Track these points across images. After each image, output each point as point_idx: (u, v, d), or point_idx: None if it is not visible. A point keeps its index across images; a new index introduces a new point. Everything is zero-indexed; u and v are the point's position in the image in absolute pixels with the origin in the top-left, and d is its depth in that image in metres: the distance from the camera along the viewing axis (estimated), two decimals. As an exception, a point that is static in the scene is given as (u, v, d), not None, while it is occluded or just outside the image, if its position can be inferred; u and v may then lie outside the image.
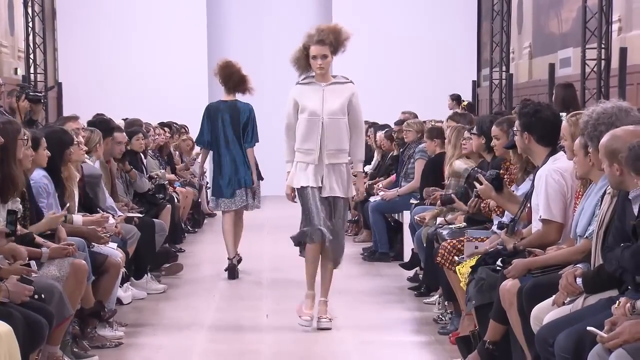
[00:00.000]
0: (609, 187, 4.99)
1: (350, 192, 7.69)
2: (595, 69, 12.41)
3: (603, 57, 12.29)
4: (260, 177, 10.30)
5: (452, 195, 7.73)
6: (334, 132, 7.46)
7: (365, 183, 10.36)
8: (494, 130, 6.98)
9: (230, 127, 10.08)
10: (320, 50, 7.41)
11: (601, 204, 5.10)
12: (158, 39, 17.88)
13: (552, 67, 14.15)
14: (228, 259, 9.92)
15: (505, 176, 6.81)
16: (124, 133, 9.62)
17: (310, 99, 7.51)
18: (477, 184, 6.48)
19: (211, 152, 10.28)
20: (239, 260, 10.03)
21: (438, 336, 7.13)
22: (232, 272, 9.83)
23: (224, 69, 10.21)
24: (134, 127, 11.37)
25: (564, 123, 5.80)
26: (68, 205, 5.48)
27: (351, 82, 7.67)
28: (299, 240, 7.55)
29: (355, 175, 7.84)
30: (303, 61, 7.54)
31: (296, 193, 7.58)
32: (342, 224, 7.77)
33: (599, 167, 4.95)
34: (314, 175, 7.45)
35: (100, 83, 17.35)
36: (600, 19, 12.34)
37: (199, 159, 11.55)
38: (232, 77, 10.16)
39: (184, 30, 17.94)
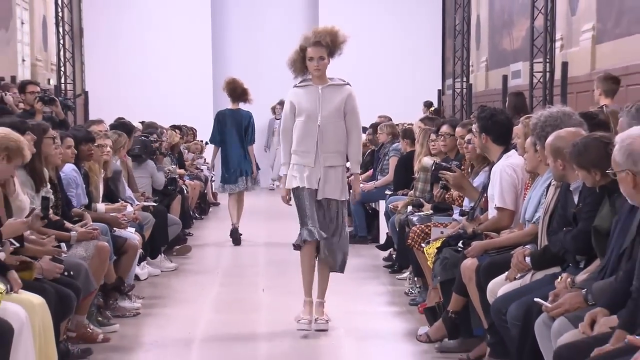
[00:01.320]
0: (553, 179, 5.02)
1: (345, 194, 6.59)
2: (541, 80, 12.46)
3: (548, 70, 12.34)
4: (257, 168, 11.16)
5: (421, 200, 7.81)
6: (331, 134, 6.43)
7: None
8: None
9: (234, 130, 10.82)
10: (317, 52, 6.37)
11: (546, 194, 5.13)
12: (170, 53, 17.87)
13: (505, 78, 14.19)
14: (232, 224, 10.80)
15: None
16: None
17: (307, 101, 6.46)
18: (448, 173, 6.49)
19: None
20: (239, 234, 10.74)
21: (409, 307, 7.14)
22: (235, 235, 10.71)
23: (230, 84, 10.90)
24: (149, 128, 11.40)
25: (519, 125, 5.82)
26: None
27: (348, 84, 6.58)
28: (298, 244, 6.48)
29: (349, 177, 6.88)
30: (299, 63, 6.47)
31: (291, 195, 6.54)
32: (341, 226, 6.56)
33: (545, 162, 4.97)
34: (310, 178, 6.39)
35: (120, 91, 17.31)
36: (545, 37, 12.39)
37: (204, 155, 12.74)
38: (236, 91, 10.84)
39: (191, 47, 17.93)
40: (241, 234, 10.80)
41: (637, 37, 10.25)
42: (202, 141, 15.88)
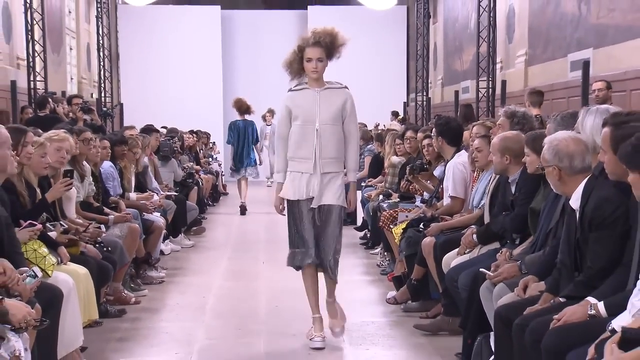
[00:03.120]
0: (493, 175, 5.02)
1: (344, 200, 5.01)
2: (485, 95, 12.49)
3: (490, 86, 12.39)
4: (260, 162, 12.69)
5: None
6: (329, 139, 4.91)
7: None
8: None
9: (244, 134, 11.99)
10: (315, 53, 4.90)
11: (489, 185, 5.13)
12: (188, 72, 17.82)
13: (456, 93, 14.20)
14: (241, 201, 12.09)
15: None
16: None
17: (304, 105, 4.94)
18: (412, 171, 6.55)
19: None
20: (245, 208, 12.04)
21: (380, 276, 7.14)
22: (243, 209, 12.03)
23: (237, 102, 12.03)
24: (172, 133, 11.39)
25: (470, 129, 5.83)
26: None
27: (346, 87, 5.08)
28: (293, 264, 5.06)
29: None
30: (297, 64, 4.97)
31: (285, 205, 5.03)
32: (337, 233, 4.99)
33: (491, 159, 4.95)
34: (307, 186, 4.91)
35: (148, 102, 17.25)
36: (488, 60, 12.42)
37: (214, 153, 14.34)
38: (242, 107, 11.94)
39: (205, 66, 17.89)
40: (246, 209, 12.00)
41: (559, 60, 10.30)
42: (213, 143, 15.89)
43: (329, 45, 4.91)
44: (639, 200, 3.01)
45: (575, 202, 3.49)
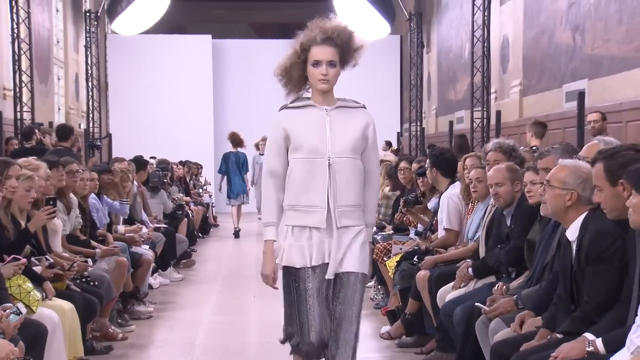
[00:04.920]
0: (489, 206, 5.03)
1: (367, 266, 3.56)
2: (479, 125, 12.54)
3: (485, 117, 12.44)
4: (250, 189, 13.86)
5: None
6: (348, 179, 3.45)
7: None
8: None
9: (235, 164, 13.33)
10: (326, 53, 3.43)
11: (485, 217, 5.14)
12: (178, 103, 17.86)
13: (451, 123, 14.26)
14: (234, 227, 13.13)
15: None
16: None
17: (310, 129, 3.46)
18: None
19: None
20: (239, 230, 13.08)
21: (373, 310, 7.09)
22: (237, 234, 13.04)
23: (232, 136, 13.45)
24: (162, 164, 11.39)
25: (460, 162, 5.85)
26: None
27: (364, 106, 3.67)
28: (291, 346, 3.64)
29: None
30: (296, 71, 3.50)
31: (279, 274, 3.58)
32: (358, 312, 3.52)
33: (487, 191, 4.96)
34: (319, 247, 3.44)
35: (138, 133, 17.26)
36: (483, 91, 12.50)
37: (204, 183, 15.12)
38: (235, 140, 13.34)
39: (196, 97, 17.93)
40: (240, 231, 13.08)
41: (554, 91, 10.37)
42: (204, 179, 15.93)
43: (345, 47, 3.47)
44: (631, 225, 3.00)
45: (572, 233, 3.49)
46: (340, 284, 3.49)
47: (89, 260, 5.78)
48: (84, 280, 5.30)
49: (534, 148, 7.34)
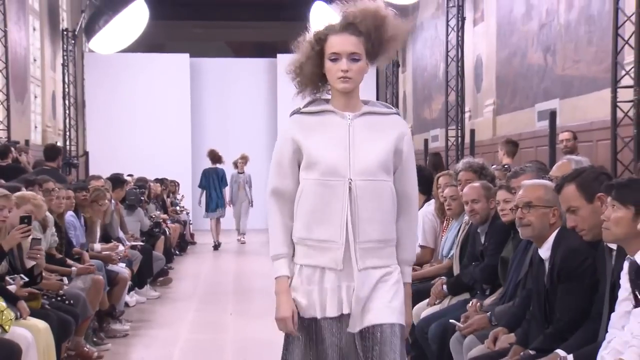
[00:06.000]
0: (463, 224, 5.05)
1: (405, 314, 2.71)
2: (454, 143, 12.61)
3: (459, 135, 12.51)
4: (228, 204, 14.33)
5: None
6: (373, 207, 2.62)
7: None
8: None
9: (216, 180, 14.05)
10: (347, 44, 2.60)
11: (459, 235, 5.16)
12: (156, 120, 17.76)
13: (426, 141, 14.35)
14: (214, 241, 13.70)
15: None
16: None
17: (327, 144, 2.63)
18: None
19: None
20: (219, 244, 13.63)
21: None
22: (216, 247, 13.60)
23: (211, 153, 14.16)
24: (139, 182, 11.33)
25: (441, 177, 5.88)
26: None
27: (397, 113, 2.79)
28: None
29: None
30: (310, 67, 2.64)
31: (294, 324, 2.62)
32: None
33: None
34: (335, 294, 2.62)
35: (115, 151, 17.13)
36: (457, 109, 12.59)
37: (180, 198, 15.33)
38: (214, 157, 14.06)
39: (174, 115, 17.84)
40: (220, 245, 13.63)
41: (527, 110, 10.48)
42: (182, 195, 15.87)
43: (373, 34, 2.61)
44: (605, 240, 3.02)
45: (545, 252, 3.52)
46: (371, 340, 2.60)
47: (65, 278, 5.72)
48: (59, 298, 5.24)
49: (505, 166, 7.41)
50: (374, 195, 2.63)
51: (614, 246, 3.06)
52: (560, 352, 3.14)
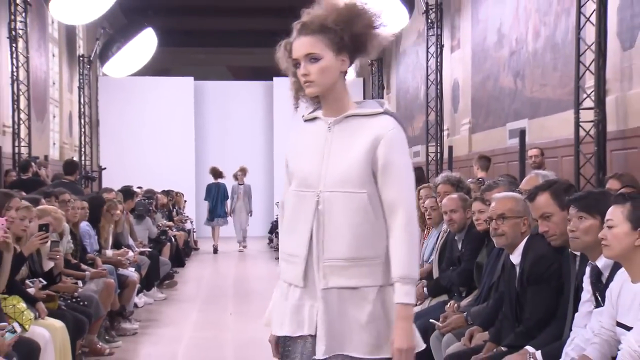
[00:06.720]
0: (442, 232, 5.06)
1: (382, 347, 2.10)
2: (434, 158, 12.64)
3: (439, 151, 12.54)
4: (229, 214, 14.50)
5: None
6: (341, 222, 2.10)
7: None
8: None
9: (217, 193, 14.33)
10: (301, 48, 2.13)
11: (438, 242, 5.16)
12: (162, 138, 17.75)
13: (408, 157, 14.34)
14: (213, 245, 14.08)
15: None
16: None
17: (304, 153, 2.21)
18: None
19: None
20: (216, 247, 14.01)
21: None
22: (215, 249, 13.99)
23: (213, 170, 14.44)
24: (148, 194, 11.30)
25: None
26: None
27: (385, 112, 2.17)
28: None
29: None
30: (292, 78, 2.23)
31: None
32: None
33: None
34: (295, 312, 2.15)
35: (126, 166, 17.08)
36: (437, 128, 12.63)
37: (182, 209, 15.15)
38: (216, 173, 14.35)
39: (179, 133, 17.82)
40: (218, 249, 14.01)
41: (499, 129, 10.52)
42: (185, 201, 15.83)
43: (335, 28, 2.13)
44: (573, 249, 3.00)
45: (516, 258, 3.53)
46: None
47: (79, 281, 5.70)
48: (74, 300, 5.22)
49: (480, 179, 7.43)
50: (345, 209, 2.12)
51: (578, 252, 3.07)
52: (530, 348, 3.15)
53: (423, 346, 2.20)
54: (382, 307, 2.13)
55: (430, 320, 4.22)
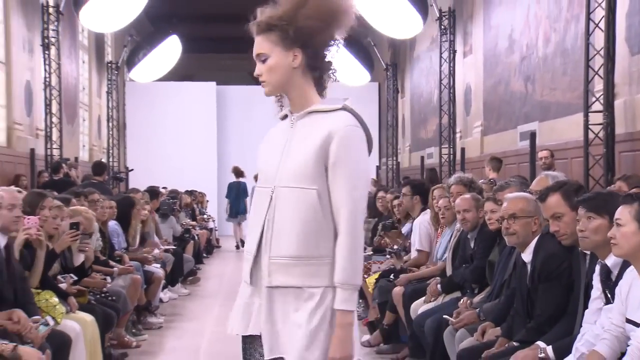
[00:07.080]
0: (455, 230, 5.04)
1: (316, 351, 1.92)
2: (447, 160, 12.59)
3: (451, 153, 12.48)
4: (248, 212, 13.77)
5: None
6: (289, 217, 1.94)
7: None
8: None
9: (238, 190, 14.54)
10: (255, 48, 2.05)
11: (451, 240, 5.14)
12: (186, 141, 17.84)
13: (422, 158, 14.32)
14: (236, 242, 14.20)
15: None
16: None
17: (267, 149, 2.13)
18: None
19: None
20: (241, 243, 13.74)
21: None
22: (238, 246, 13.90)
23: (235, 169, 14.63)
24: (172, 193, 11.36)
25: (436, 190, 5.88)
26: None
27: (344, 108, 2.04)
28: None
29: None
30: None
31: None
32: None
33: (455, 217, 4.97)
34: (244, 310, 2.03)
35: (151, 167, 17.18)
36: (449, 130, 12.57)
37: (207, 209, 15.41)
38: (237, 172, 14.50)
39: (202, 136, 17.93)
40: (240, 245, 13.80)
41: (510, 131, 10.45)
42: (208, 201, 15.89)
43: (287, 20, 2.00)
44: (582, 248, 2.98)
45: (527, 256, 3.50)
46: None
47: (108, 277, 5.75)
48: (103, 295, 5.26)
49: (491, 180, 7.39)
50: (295, 205, 1.95)
51: (587, 251, 3.05)
52: (541, 343, 3.13)
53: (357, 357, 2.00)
54: (328, 310, 1.97)
55: (444, 316, 4.21)
